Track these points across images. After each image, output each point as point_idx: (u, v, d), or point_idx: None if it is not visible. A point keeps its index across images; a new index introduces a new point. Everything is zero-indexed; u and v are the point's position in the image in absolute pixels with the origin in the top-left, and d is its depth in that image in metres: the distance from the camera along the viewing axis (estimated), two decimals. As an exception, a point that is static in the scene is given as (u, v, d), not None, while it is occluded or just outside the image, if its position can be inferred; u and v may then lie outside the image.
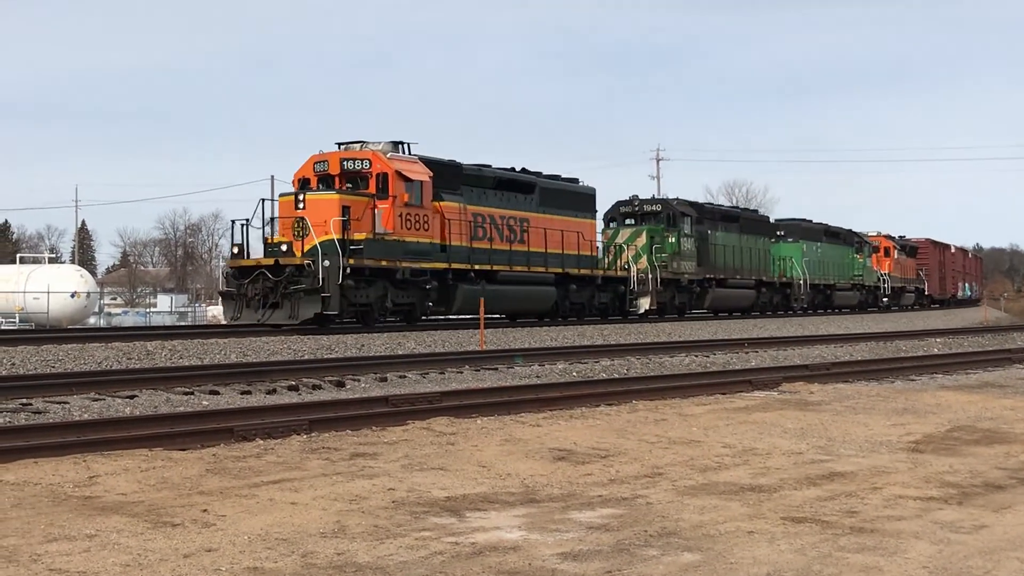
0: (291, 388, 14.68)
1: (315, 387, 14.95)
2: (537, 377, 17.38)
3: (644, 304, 37.78)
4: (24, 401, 12.47)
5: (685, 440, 10.00)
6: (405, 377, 16.42)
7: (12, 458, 8.42)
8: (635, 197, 41.57)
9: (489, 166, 32.26)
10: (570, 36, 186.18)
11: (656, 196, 41.78)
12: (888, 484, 7.89)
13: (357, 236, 25.98)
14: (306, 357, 19.12)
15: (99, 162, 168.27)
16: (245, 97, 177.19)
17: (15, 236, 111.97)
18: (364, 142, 27.90)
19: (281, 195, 27.20)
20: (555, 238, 33.41)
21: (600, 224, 39.50)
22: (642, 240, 39.38)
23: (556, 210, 34.15)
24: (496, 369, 18.13)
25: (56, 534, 6.10)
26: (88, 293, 51.58)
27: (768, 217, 53.97)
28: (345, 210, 25.83)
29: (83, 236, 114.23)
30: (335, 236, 25.20)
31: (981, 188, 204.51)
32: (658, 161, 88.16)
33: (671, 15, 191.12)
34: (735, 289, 44.59)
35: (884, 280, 62.34)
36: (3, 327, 41.54)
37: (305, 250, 25.19)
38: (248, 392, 14.17)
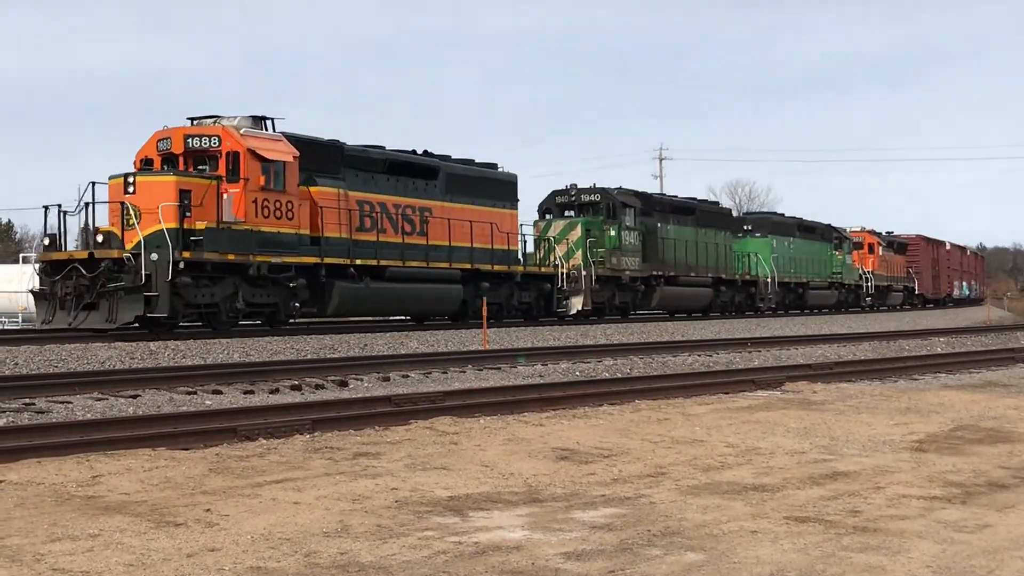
0: (294, 388, 14.68)
1: (318, 387, 14.95)
2: (540, 376, 17.38)
3: (576, 304, 34.65)
4: (27, 401, 12.48)
5: (688, 440, 10.00)
6: (408, 377, 16.43)
7: (15, 458, 8.43)
8: (573, 186, 37.82)
9: (382, 147, 28.92)
10: (572, 35, 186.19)
11: (597, 186, 37.48)
12: (891, 484, 7.89)
13: (198, 225, 22.58)
14: (309, 357, 19.13)
15: (103, 160, 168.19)
16: (244, 97, 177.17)
17: (18, 236, 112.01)
18: (218, 117, 24.40)
19: (111, 177, 23.10)
20: (463, 230, 29.99)
21: (535, 216, 37.54)
22: (577, 233, 36.01)
23: (466, 198, 30.64)
24: (499, 369, 18.13)
25: (59, 534, 6.10)
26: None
27: (731, 210, 50.13)
28: (183, 195, 22.48)
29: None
30: (167, 225, 21.83)
31: (984, 187, 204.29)
32: (661, 160, 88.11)
33: (674, 14, 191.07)
34: (688, 287, 41.37)
35: (867, 278, 59.08)
36: (6, 327, 41.57)
37: (134, 241, 21.82)
38: (251, 392, 14.18)
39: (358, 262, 26.39)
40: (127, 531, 6.17)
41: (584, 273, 34.77)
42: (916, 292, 67.93)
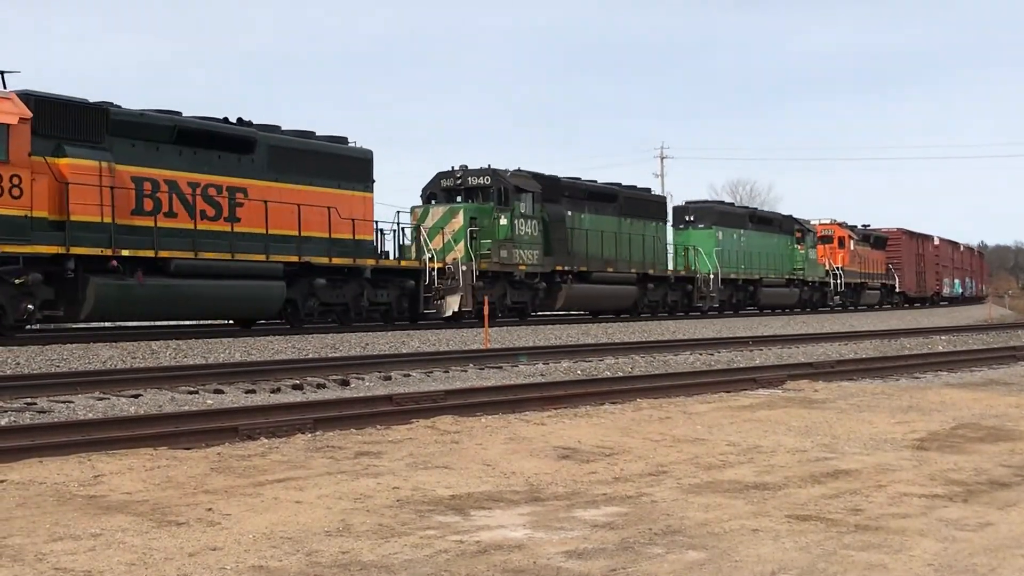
0: (295, 387, 14.69)
1: (319, 386, 14.96)
2: (541, 375, 17.38)
3: (453, 304, 29.56)
4: (29, 400, 12.49)
5: (690, 438, 10.00)
6: (409, 376, 16.43)
7: (17, 457, 8.43)
8: (462, 168, 32.65)
9: (178, 113, 23.79)
10: (572, 34, 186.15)
11: (491, 166, 32.42)
12: (893, 482, 7.88)
13: None
14: (310, 356, 19.14)
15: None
16: (242, 97, 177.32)
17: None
18: None
19: None
20: (289, 215, 24.95)
21: (410, 203, 33.54)
22: (459, 222, 31.04)
23: (298, 177, 25.66)
24: (500, 368, 18.14)
25: (61, 533, 6.11)
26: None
27: (665, 198, 44.01)
28: None
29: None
30: None
31: (986, 185, 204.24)
32: (662, 159, 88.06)
33: (674, 13, 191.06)
34: (605, 285, 36.23)
35: (836, 274, 53.57)
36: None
37: None
38: (253, 391, 14.19)
39: (125, 253, 21.47)
40: (129, 530, 6.18)
41: (464, 268, 29.67)
42: (897, 290, 63.16)
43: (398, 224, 30.32)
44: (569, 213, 35.22)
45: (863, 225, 62.19)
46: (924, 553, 5.81)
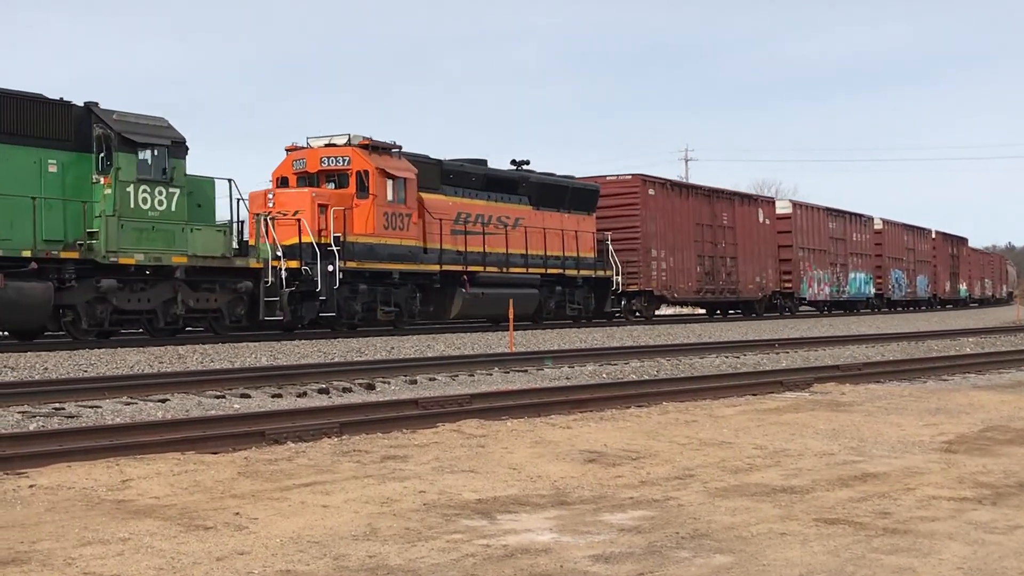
0: (321, 391, 14.72)
1: (345, 390, 14.98)
2: (567, 379, 17.37)
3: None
4: (57, 405, 12.56)
5: (716, 441, 9.97)
6: (435, 379, 16.44)
7: (46, 462, 8.47)
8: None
9: None
10: (597, 35, 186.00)
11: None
12: (921, 485, 7.84)
13: None
14: (336, 360, 19.18)
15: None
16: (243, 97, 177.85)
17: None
18: None
19: None
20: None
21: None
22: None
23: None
24: (526, 371, 18.13)
25: (90, 538, 6.14)
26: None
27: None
28: None
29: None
30: None
31: (1017, 186, 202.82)
32: (687, 161, 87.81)
33: (698, 14, 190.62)
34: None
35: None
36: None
37: None
38: (279, 395, 14.22)
39: None
40: (157, 535, 6.20)
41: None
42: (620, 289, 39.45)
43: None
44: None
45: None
46: (953, 556, 5.77)
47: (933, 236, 68.43)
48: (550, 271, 34.15)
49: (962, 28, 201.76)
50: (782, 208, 49.95)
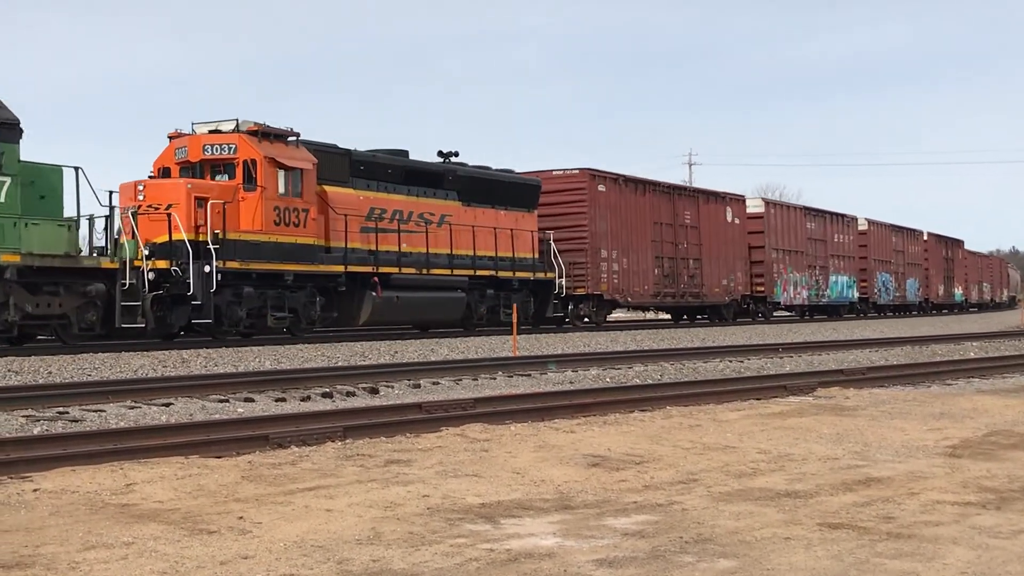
0: (325, 395, 14.73)
1: (349, 394, 14.99)
2: (570, 383, 17.37)
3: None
4: (61, 409, 12.57)
5: (720, 446, 9.96)
6: (438, 383, 16.44)
7: (50, 466, 8.48)
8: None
9: None
10: (598, 38, 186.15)
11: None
12: (925, 489, 7.84)
13: None
14: (340, 364, 19.19)
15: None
16: (246, 98, 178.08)
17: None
18: None
19: None
20: None
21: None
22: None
23: None
24: (529, 375, 18.13)
25: (94, 542, 6.14)
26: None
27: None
28: None
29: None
30: None
31: (1021, 189, 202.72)
32: (690, 166, 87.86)
33: (701, 17, 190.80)
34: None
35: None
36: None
37: None
38: (283, 399, 14.23)
39: None
40: (161, 539, 6.20)
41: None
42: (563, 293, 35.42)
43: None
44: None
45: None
46: (957, 561, 5.77)
47: (925, 238, 65.71)
48: (480, 273, 30.86)
49: (968, 28, 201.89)
50: (753, 207, 46.74)
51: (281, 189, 25.19)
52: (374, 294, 27.29)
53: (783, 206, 49.92)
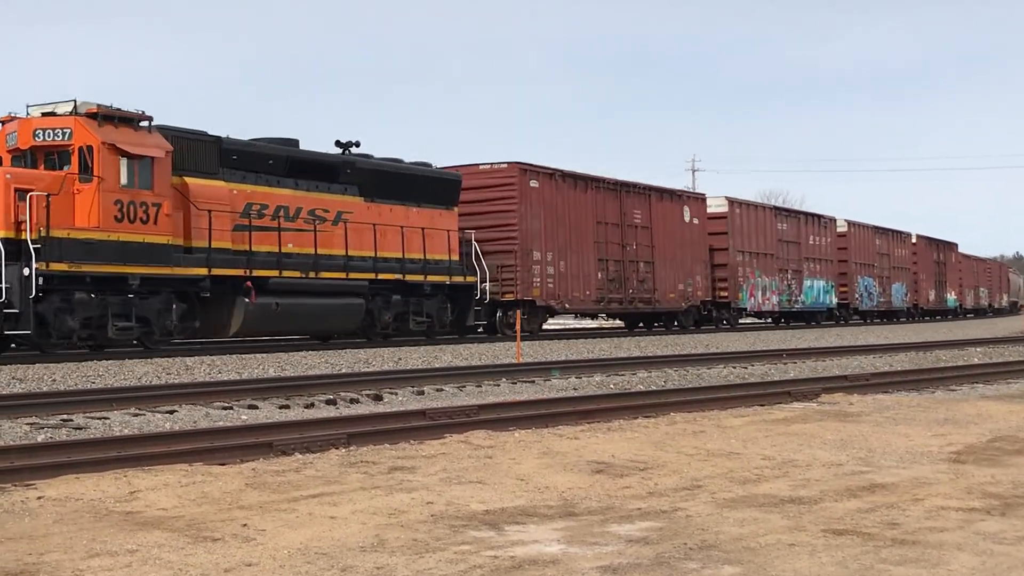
0: (329, 402, 14.72)
1: (353, 401, 14.99)
2: (574, 390, 17.36)
3: None
4: (65, 417, 12.57)
5: (724, 452, 9.96)
6: (442, 390, 16.44)
7: (54, 474, 8.48)
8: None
9: None
10: (602, 46, 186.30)
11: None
12: (930, 495, 7.83)
13: None
14: (343, 371, 19.19)
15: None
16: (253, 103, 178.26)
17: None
18: None
19: None
20: None
21: None
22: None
23: None
24: (533, 382, 18.13)
25: (98, 549, 6.14)
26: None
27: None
28: None
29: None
30: None
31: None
32: (694, 172, 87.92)
33: (703, 23, 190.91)
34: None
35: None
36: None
37: None
38: (287, 406, 14.23)
39: None
40: (165, 546, 6.20)
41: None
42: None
43: None
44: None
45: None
46: (962, 567, 5.76)
47: (913, 240, 62.75)
48: (383, 276, 27.77)
49: (974, 32, 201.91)
50: (716, 206, 43.34)
51: (124, 180, 21.79)
52: (247, 300, 24.10)
53: (750, 205, 46.36)
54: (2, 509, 7.30)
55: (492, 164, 33.18)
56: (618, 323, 43.36)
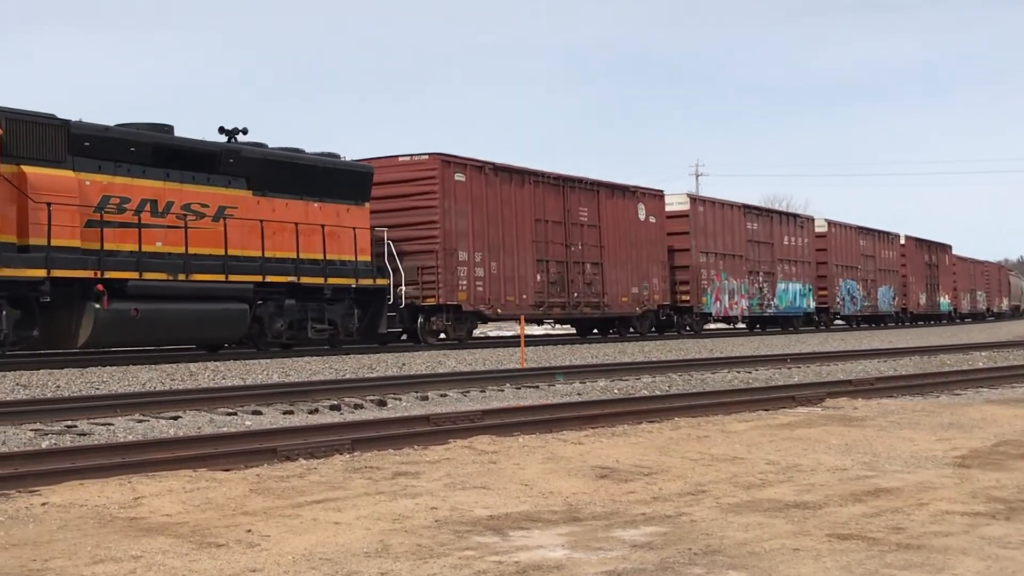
0: (333, 407, 14.73)
1: (357, 406, 14.99)
2: (578, 394, 17.35)
3: None
4: (69, 423, 12.58)
5: (728, 457, 9.95)
6: (446, 395, 16.45)
7: (58, 480, 8.49)
8: None
9: None
10: (605, 50, 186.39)
11: None
12: (934, 500, 7.82)
13: None
14: (347, 376, 19.19)
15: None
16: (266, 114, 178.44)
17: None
18: None
19: None
20: None
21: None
22: None
23: None
24: (537, 387, 18.13)
25: (102, 555, 6.14)
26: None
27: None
28: None
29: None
30: None
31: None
32: (697, 176, 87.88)
33: (706, 29, 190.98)
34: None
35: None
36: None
37: None
38: (291, 412, 14.23)
39: None
40: (169, 552, 6.20)
41: None
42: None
43: None
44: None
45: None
46: (967, 572, 5.75)
47: (902, 241, 60.09)
48: (272, 278, 24.78)
49: (980, 38, 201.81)
50: (677, 204, 40.58)
51: None
52: (98, 306, 21.07)
53: (715, 203, 42.90)
54: (7, 515, 7.31)
55: (412, 156, 30.28)
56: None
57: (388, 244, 27.88)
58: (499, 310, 31.59)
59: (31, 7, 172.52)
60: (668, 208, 39.92)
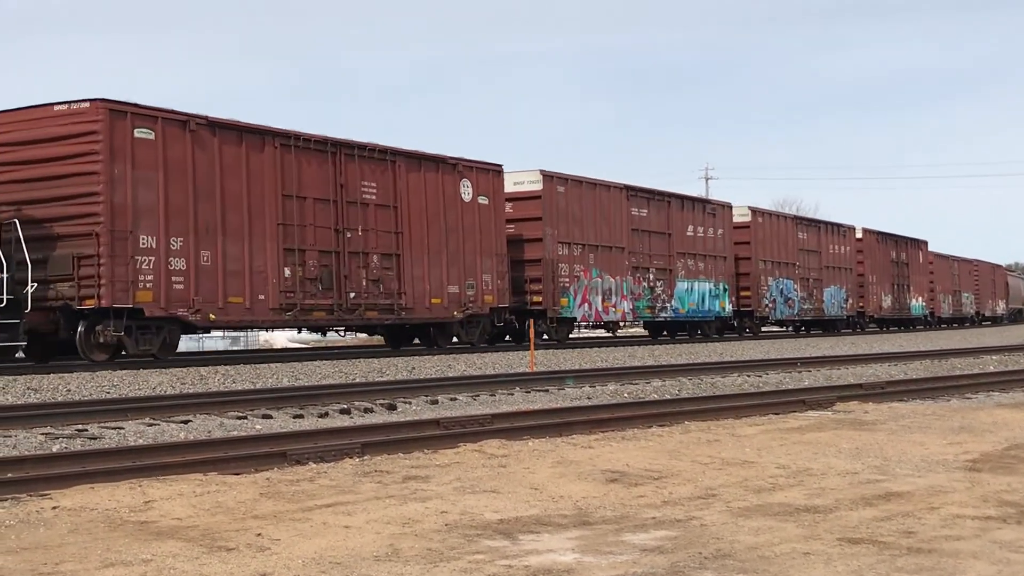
0: (343, 411, 14.74)
1: (367, 410, 15.00)
2: (588, 398, 17.34)
3: None
4: (80, 427, 12.61)
5: (738, 461, 9.93)
6: (456, 399, 16.45)
7: (69, 484, 8.51)
8: None
9: None
10: (616, 56, 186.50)
11: None
12: (945, 504, 7.79)
13: None
14: (358, 380, 19.20)
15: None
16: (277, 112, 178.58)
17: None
18: None
19: None
20: None
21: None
22: None
23: None
24: (547, 391, 18.12)
25: (113, 559, 6.15)
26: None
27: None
28: None
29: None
30: None
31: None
32: (707, 180, 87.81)
33: (716, 35, 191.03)
34: None
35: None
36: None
37: None
38: (301, 416, 14.25)
39: None
40: (179, 556, 6.21)
41: None
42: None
43: None
44: None
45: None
46: (978, 576, 5.74)
47: (858, 235, 52.77)
48: None
49: (989, 41, 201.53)
50: (529, 183, 32.91)
51: None
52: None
53: (581, 182, 34.57)
54: (17, 519, 7.32)
55: (70, 104, 21.93)
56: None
57: (16, 226, 20.45)
58: (213, 315, 23.36)
59: (55, 10, 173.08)
60: (516, 188, 32.47)
